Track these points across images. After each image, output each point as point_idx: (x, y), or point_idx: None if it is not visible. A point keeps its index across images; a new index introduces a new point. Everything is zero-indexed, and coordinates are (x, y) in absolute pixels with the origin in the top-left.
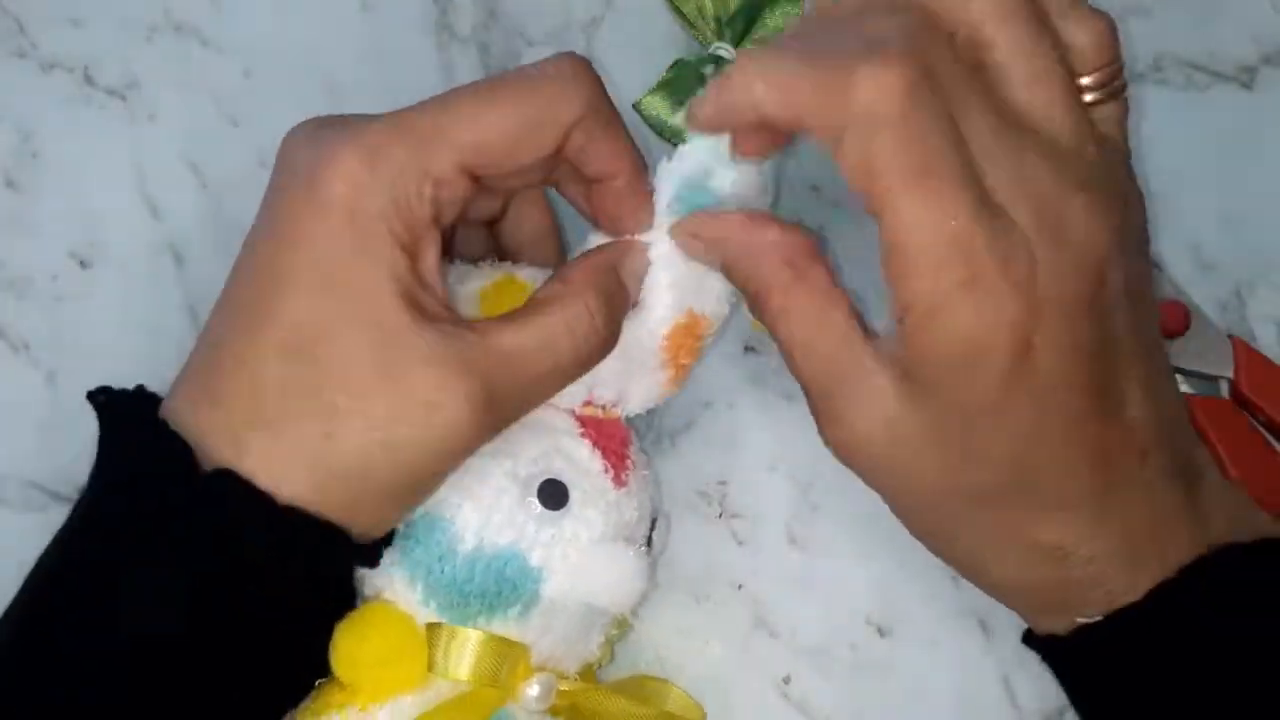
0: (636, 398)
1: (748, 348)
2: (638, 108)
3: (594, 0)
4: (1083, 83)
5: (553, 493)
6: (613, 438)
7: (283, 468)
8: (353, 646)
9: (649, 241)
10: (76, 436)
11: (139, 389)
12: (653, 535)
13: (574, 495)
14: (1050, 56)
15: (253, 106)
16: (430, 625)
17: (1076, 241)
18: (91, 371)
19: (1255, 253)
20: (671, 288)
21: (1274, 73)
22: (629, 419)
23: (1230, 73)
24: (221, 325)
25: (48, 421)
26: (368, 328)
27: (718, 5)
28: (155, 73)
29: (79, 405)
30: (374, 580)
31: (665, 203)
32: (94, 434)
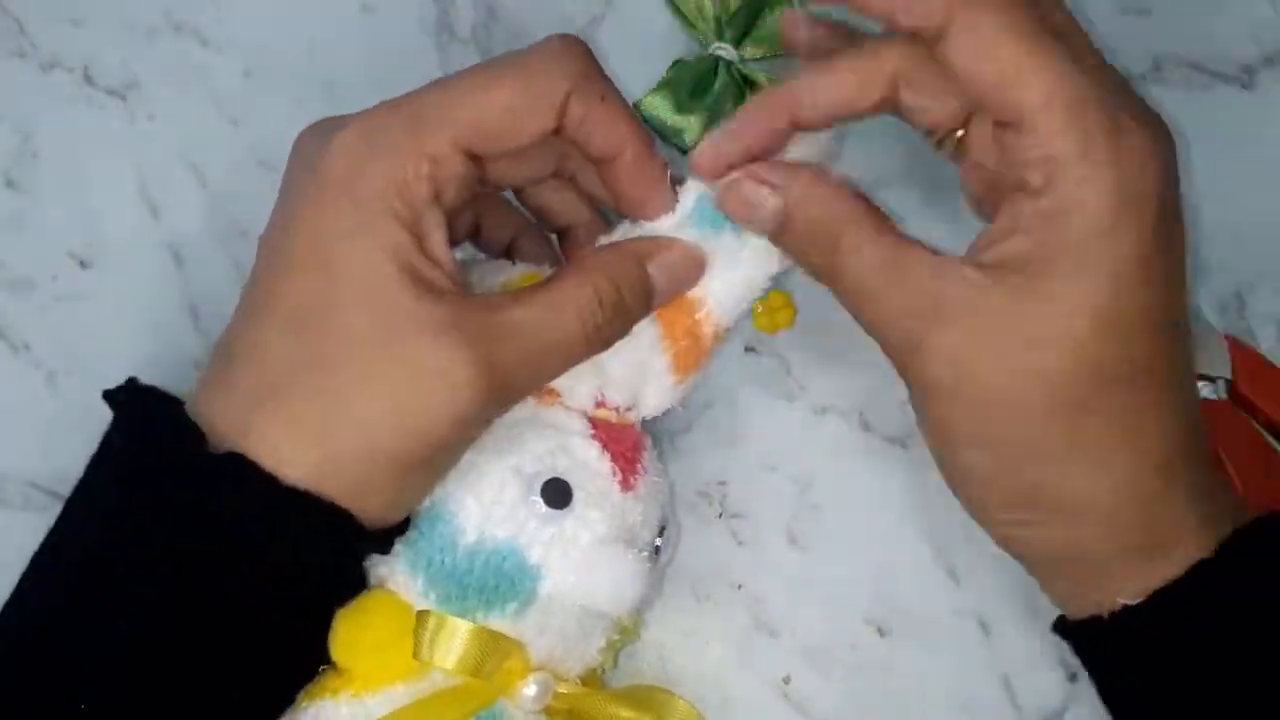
0: (650, 400)
1: (748, 348)
2: (638, 108)
3: (594, 0)
4: None
5: (556, 491)
6: (624, 442)
7: (289, 448)
8: (351, 632)
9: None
10: (77, 437)
11: (157, 389)
12: (661, 543)
13: (578, 495)
14: None
15: (253, 106)
16: (420, 612)
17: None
18: (91, 371)
19: (1255, 253)
20: None
21: (1274, 73)
22: (644, 424)
23: (1230, 73)
24: (236, 317)
25: (48, 421)
26: (369, 302)
27: (718, 5)
28: (155, 73)
29: (79, 405)
30: (378, 569)
31: (693, 200)
32: (96, 434)
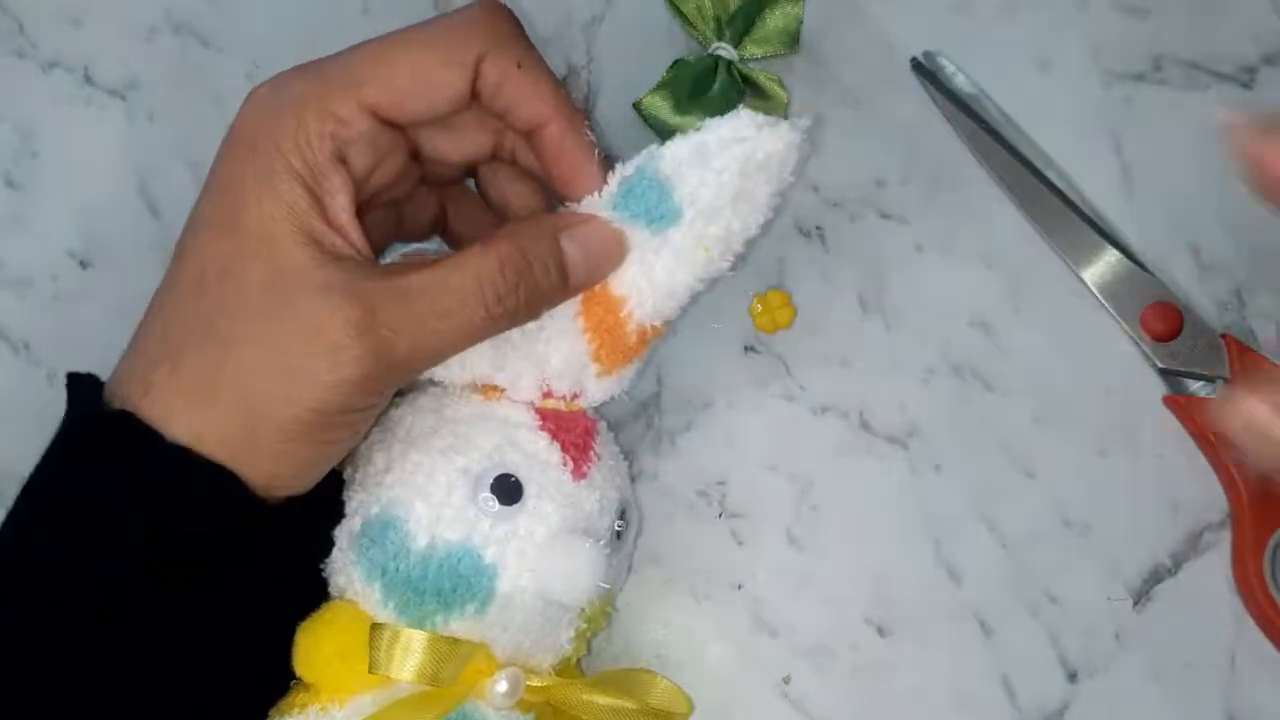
0: (590, 390)
1: (748, 348)
2: (638, 108)
3: (594, 0)
4: None
5: (506, 488)
6: (574, 430)
7: (179, 406)
8: (311, 644)
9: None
10: None
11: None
12: (621, 527)
13: (529, 489)
14: None
15: None
16: (374, 626)
17: None
18: (91, 371)
19: (1255, 253)
20: None
21: (1274, 73)
22: (594, 410)
23: (1230, 73)
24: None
25: (48, 422)
26: (265, 261)
27: (718, 5)
28: (155, 73)
29: None
30: (336, 579)
31: (616, 183)
32: None
